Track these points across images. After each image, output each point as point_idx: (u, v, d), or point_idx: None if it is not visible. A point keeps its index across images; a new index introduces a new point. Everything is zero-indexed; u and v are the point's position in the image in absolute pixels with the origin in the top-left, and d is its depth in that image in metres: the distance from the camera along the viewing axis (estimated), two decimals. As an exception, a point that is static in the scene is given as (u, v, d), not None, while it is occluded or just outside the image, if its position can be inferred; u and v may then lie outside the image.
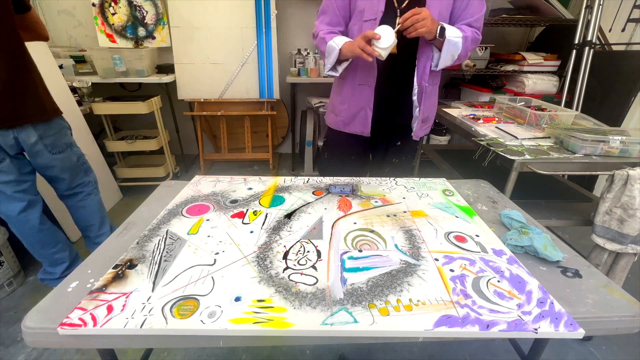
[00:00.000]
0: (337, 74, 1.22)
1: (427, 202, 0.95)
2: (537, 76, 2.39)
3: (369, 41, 1.01)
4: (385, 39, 0.98)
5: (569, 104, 2.19)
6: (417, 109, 1.20)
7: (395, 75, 1.19)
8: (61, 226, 1.85)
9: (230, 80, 2.58)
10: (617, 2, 2.19)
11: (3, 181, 1.28)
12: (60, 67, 2.06)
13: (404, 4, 1.09)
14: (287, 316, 0.55)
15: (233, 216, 0.86)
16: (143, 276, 0.63)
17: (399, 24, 1.00)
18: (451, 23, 1.13)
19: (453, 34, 1.06)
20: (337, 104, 1.30)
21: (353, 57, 1.12)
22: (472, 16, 1.11)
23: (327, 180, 1.08)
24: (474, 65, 2.45)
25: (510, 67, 2.45)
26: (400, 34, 1.01)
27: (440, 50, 1.10)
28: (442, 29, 1.04)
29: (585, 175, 2.06)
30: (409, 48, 1.13)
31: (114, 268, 0.65)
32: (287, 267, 0.67)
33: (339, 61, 1.17)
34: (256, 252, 0.71)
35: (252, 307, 0.56)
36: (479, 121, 1.58)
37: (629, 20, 2.18)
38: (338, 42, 1.11)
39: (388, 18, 1.07)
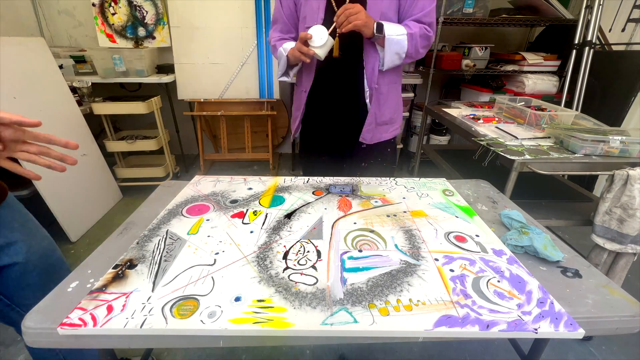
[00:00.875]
0: (289, 79, 1.23)
1: (427, 202, 0.95)
2: (537, 76, 2.39)
3: (307, 43, 1.02)
4: (318, 38, 0.99)
5: (569, 104, 2.19)
6: (371, 112, 1.17)
7: (339, 79, 1.17)
8: (62, 226, 1.85)
9: (230, 80, 2.58)
10: (617, 2, 2.19)
11: None
12: (60, 67, 2.06)
13: None
14: (287, 316, 0.55)
15: (233, 216, 0.86)
16: (143, 276, 0.63)
17: (334, 21, 1.01)
18: (400, 21, 1.11)
19: (394, 32, 1.04)
20: (293, 110, 1.35)
21: (297, 61, 1.12)
22: (421, 11, 1.07)
23: (327, 180, 1.08)
24: (474, 65, 2.45)
25: (510, 67, 2.45)
26: (341, 36, 1.04)
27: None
28: (380, 26, 1.02)
29: (585, 175, 2.06)
30: (354, 51, 1.11)
31: (114, 268, 0.65)
32: (287, 267, 0.66)
33: (290, 66, 1.19)
34: (256, 252, 0.71)
35: (252, 307, 0.56)
36: (479, 121, 1.58)
37: (629, 20, 2.18)
38: (287, 47, 1.14)
39: (329, 23, 1.05)
